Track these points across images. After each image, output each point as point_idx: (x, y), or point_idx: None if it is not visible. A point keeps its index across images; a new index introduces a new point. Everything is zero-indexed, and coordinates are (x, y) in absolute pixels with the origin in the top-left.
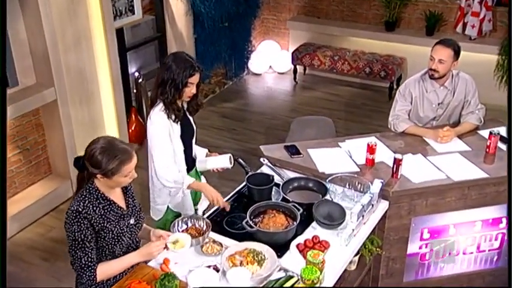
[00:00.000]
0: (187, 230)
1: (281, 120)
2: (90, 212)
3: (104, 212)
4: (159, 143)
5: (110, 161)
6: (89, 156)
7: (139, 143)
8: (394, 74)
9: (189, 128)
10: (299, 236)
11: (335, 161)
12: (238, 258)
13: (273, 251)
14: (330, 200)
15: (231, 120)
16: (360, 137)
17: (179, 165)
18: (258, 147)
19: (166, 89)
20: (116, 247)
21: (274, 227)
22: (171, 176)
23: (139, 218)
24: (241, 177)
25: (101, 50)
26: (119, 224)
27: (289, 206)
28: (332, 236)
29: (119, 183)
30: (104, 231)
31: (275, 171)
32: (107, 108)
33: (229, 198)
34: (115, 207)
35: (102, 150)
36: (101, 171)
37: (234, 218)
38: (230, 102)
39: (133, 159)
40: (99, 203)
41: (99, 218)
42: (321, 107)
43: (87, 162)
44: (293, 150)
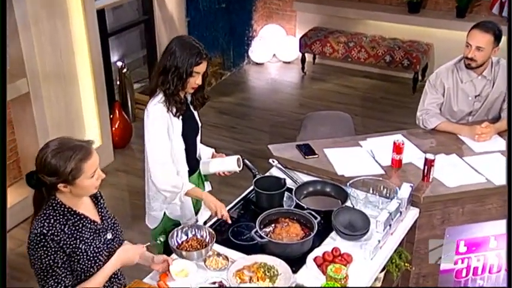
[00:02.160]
0: (187, 242)
1: (287, 116)
2: (58, 233)
3: (75, 229)
4: (155, 138)
5: (67, 162)
6: (41, 165)
7: (124, 144)
8: (419, 62)
9: (193, 125)
10: (316, 249)
11: (356, 162)
12: (247, 274)
13: (286, 266)
14: (351, 207)
15: (230, 117)
16: (384, 134)
17: (178, 166)
18: (261, 147)
19: (168, 77)
20: (93, 269)
21: (287, 237)
22: (167, 178)
23: (117, 232)
24: (245, 182)
25: (79, 34)
26: (94, 241)
27: (305, 213)
28: (354, 248)
29: (86, 188)
30: (77, 253)
31: (286, 174)
32: (87, 103)
33: (234, 205)
34: (87, 222)
35: (55, 152)
36: (59, 177)
37: (240, 228)
38: (228, 96)
39: (93, 155)
40: (68, 220)
41: (70, 238)
42: (334, 101)
43: (41, 174)
44: (307, 150)
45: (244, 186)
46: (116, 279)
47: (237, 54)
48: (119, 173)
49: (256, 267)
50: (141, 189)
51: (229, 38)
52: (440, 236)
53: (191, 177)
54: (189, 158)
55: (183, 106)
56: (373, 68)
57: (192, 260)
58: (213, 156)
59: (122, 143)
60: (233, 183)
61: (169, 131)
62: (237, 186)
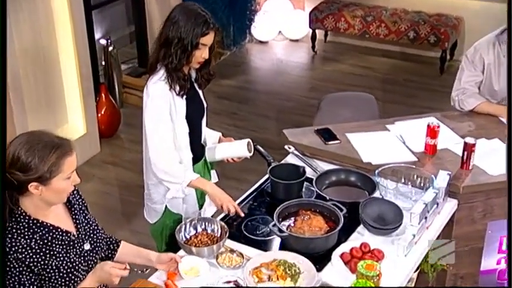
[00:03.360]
0: (196, 237)
1: (296, 101)
2: (23, 249)
3: (43, 244)
4: (155, 121)
5: (44, 157)
6: (12, 161)
7: (112, 133)
8: (448, 39)
9: (198, 105)
10: (343, 244)
11: (384, 148)
12: (265, 272)
13: (310, 263)
14: (380, 198)
15: (231, 102)
16: (415, 117)
17: (182, 153)
18: (267, 136)
19: (171, 50)
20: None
21: (310, 231)
22: (169, 167)
23: (97, 240)
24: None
25: (61, 7)
26: (68, 255)
27: (329, 205)
28: (385, 244)
29: (59, 192)
30: (48, 271)
31: (305, 162)
32: (70, 86)
33: (246, 196)
34: (58, 234)
35: (29, 146)
36: (33, 174)
37: (255, 222)
38: (229, 78)
39: (73, 153)
40: (34, 233)
41: (37, 254)
42: (349, 84)
43: (10, 171)
44: (327, 134)
45: (253, 178)
46: None
47: (238, 31)
48: (106, 166)
49: (275, 265)
50: (131, 184)
51: (229, 12)
52: (481, 232)
53: (195, 165)
54: (194, 144)
55: (187, 84)
56: (394, 46)
57: (203, 257)
58: (220, 141)
59: (109, 131)
60: (238, 176)
61: (171, 112)
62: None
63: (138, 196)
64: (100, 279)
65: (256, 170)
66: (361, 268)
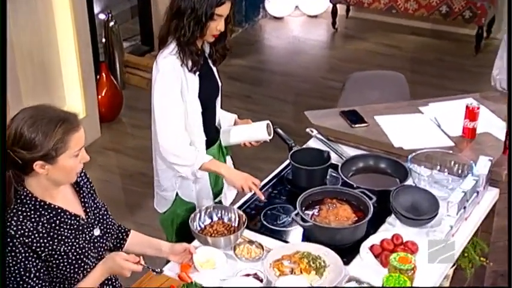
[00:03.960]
0: (211, 226)
1: (315, 83)
2: (30, 233)
3: (51, 228)
4: (165, 98)
5: (49, 133)
6: (15, 135)
7: (113, 116)
8: (485, 14)
9: (212, 83)
10: (372, 236)
11: (416, 132)
12: (287, 265)
13: (336, 255)
14: (413, 185)
15: (244, 84)
16: (451, 98)
17: (194, 136)
18: (283, 121)
19: (183, 22)
20: (78, 276)
21: (336, 221)
22: (178, 147)
23: (107, 227)
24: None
25: None
26: (77, 240)
27: (357, 193)
28: (419, 236)
29: (67, 171)
30: (56, 257)
31: (329, 147)
32: (68, 64)
33: (265, 184)
34: (66, 217)
35: (32, 121)
36: (39, 152)
37: (275, 211)
38: (240, 58)
39: (81, 128)
40: (41, 216)
41: (45, 238)
42: (373, 64)
43: (13, 149)
44: (353, 117)
45: (269, 166)
46: (109, 285)
47: (251, 6)
48: (107, 152)
49: (298, 258)
50: (134, 172)
51: None
52: None
53: (209, 149)
54: (207, 126)
55: (200, 59)
56: (424, 23)
57: (219, 248)
58: (236, 124)
59: (110, 114)
60: (252, 164)
61: (183, 90)
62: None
63: (142, 185)
64: (111, 271)
65: (272, 158)
66: (394, 261)
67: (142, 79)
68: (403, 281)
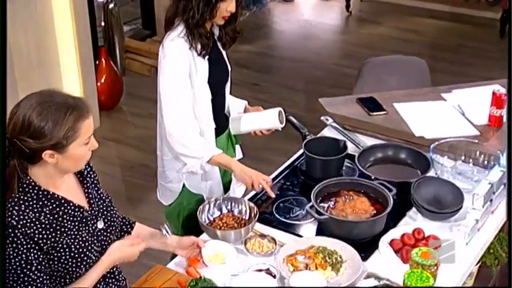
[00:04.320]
0: (220, 219)
1: (327, 70)
2: (32, 224)
3: (54, 219)
4: (172, 84)
5: (59, 121)
6: (22, 126)
7: (113, 104)
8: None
9: (221, 68)
10: (392, 230)
11: (439, 120)
12: (301, 261)
13: (353, 250)
14: (435, 177)
15: (251, 72)
16: (476, 85)
17: (202, 124)
18: (294, 111)
19: (192, 3)
20: (80, 270)
21: (354, 214)
22: (187, 137)
23: (111, 219)
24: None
25: None
26: (80, 233)
27: (375, 184)
28: (442, 230)
29: (77, 160)
30: (58, 250)
31: (345, 136)
32: (65, 48)
33: (277, 175)
34: (70, 208)
35: (41, 109)
36: (49, 141)
37: (287, 204)
38: (248, 43)
39: (91, 115)
40: (44, 206)
41: (47, 230)
42: (390, 50)
43: (20, 138)
44: (371, 104)
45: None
46: (112, 279)
47: None
48: (107, 142)
49: (313, 252)
50: (136, 163)
51: None
52: None
53: (218, 138)
54: (216, 113)
55: (209, 42)
56: (443, 5)
57: (229, 242)
58: (246, 111)
59: (110, 102)
60: (261, 156)
61: (191, 74)
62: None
63: (144, 178)
64: (120, 261)
65: (282, 149)
66: (416, 256)
67: (144, 65)
68: (426, 277)
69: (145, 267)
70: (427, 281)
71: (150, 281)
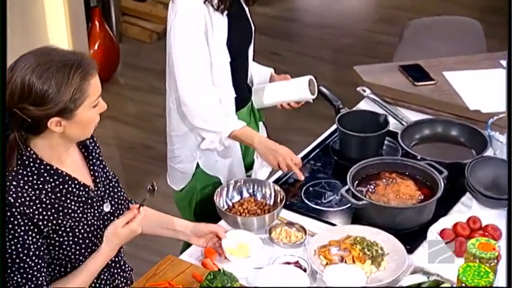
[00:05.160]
0: (241, 204)
1: (358, 37)
2: (30, 202)
3: (55, 198)
4: (188, 46)
5: (65, 82)
6: (22, 92)
7: (109, 76)
8: None
9: (244, 27)
10: (443, 218)
11: (497, 91)
12: (335, 253)
13: (397, 242)
14: (494, 157)
15: (270, 39)
16: None
17: (221, 91)
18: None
19: None
20: (84, 259)
21: (397, 200)
22: (206, 108)
23: (119, 202)
24: (305, 133)
25: None
26: (85, 216)
27: (423, 166)
28: (501, 219)
29: (86, 125)
30: (59, 235)
31: (386, 110)
32: (53, 8)
33: (306, 155)
34: (75, 187)
35: (41, 70)
36: (53, 108)
37: (318, 188)
38: (266, 5)
39: (96, 72)
40: (45, 183)
41: (48, 211)
42: (434, 13)
43: (20, 107)
44: (417, 73)
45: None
46: (118, 269)
47: None
48: (101, 120)
49: (349, 244)
50: (135, 144)
51: None
52: None
53: (239, 112)
54: (237, 82)
55: None
56: None
57: (251, 230)
58: (272, 80)
59: (104, 73)
60: (282, 137)
61: (207, 34)
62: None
63: (145, 161)
64: (123, 242)
65: (306, 129)
66: (473, 248)
67: (143, 30)
68: (485, 272)
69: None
70: (486, 276)
71: (161, 273)
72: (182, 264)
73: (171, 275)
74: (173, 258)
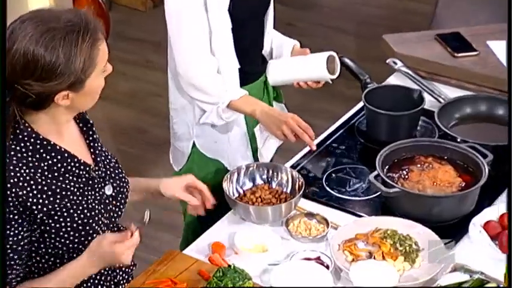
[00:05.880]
0: (253, 192)
1: (386, 6)
2: (24, 184)
3: (52, 178)
4: (180, 10)
5: (73, 51)
6: (26, 68)
7: None
8: None
9: None
10: (487, 209)
11: None
12: (362, 248)
13: (434, 235)
14: None
15: (285, 8)
16: None
17: (221, 62)
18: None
19: None
20: (83, 248)
21: (434, 187)
22: (201, 78)
23: (121, 184)
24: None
25: None
26: (86, 198)
27: (464, 149)
28: None
29: (94, 93)
30: (55, 220)
31: (421, 85)
32: None
33: (327, 136)
34: (74, 166)
35: (46, 40)
36: (64, 82)
37: (342, 174)
38: None
39: (103, 35)
40: (41, 160)
41: (43, 193)
42: None
43: (24, 83)
44: (457, 42)
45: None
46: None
47: None
48: None
49: (378, 238)
50: (128, 126)
51: None
52: None
53: (249, 86)
54: (245, 52)
55: None
56: None
57: (265, 222)
58: (293, 54)
59: None
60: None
61: None
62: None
63: (140, 146)
64: (104, 261)
65: (325, 111)
66: None
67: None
68: None
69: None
70: None
71: (162, 270)
72: (186, 259)
73: (174, 272)
74: (176, 252)
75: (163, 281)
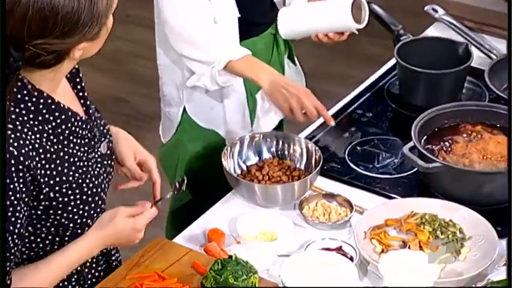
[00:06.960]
0: (259, 168)
1: None
2: (28, 152)
3: (58, 142)
4: None
5: None
6: (44, 24)
7: None
8: None
9: None
10: None
11: None
12: (394, 235)
13: (485, 221)
14: None
15: None
16: None
17: (216, 9)
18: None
19: None
20: (91, 222)
21: (484, 162)
22: (191, 26)
23: (110, 136)
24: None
25: None
26: (90, 163)
27: None
28: None
29: (104, 37)
30: (63, 194)
31: (468, 38)
32: None
33: (351, 101)
34: (77, 125)
35: None
36: (87, 33)
37: (369, 146)
38: None
39: None
40: (45, 123)
41: (51, 163)
42: None
43: (40, 42)
44: None
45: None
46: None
47: None
48: None
49: (414, 224)
50: (109, 96)
51: None
52: None
53: (253, 40)
54: None
55: None
56: None
57: (274, 205)
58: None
59: None
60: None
61: None
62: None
63: (116, 117)
64: (115, 239)
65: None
66: None
67: None
68: None
69: None
70: None
71: (147, 262)
72: (177, 249)
73: (162, 264)
74: (164, 241)
75: (148, 275)
